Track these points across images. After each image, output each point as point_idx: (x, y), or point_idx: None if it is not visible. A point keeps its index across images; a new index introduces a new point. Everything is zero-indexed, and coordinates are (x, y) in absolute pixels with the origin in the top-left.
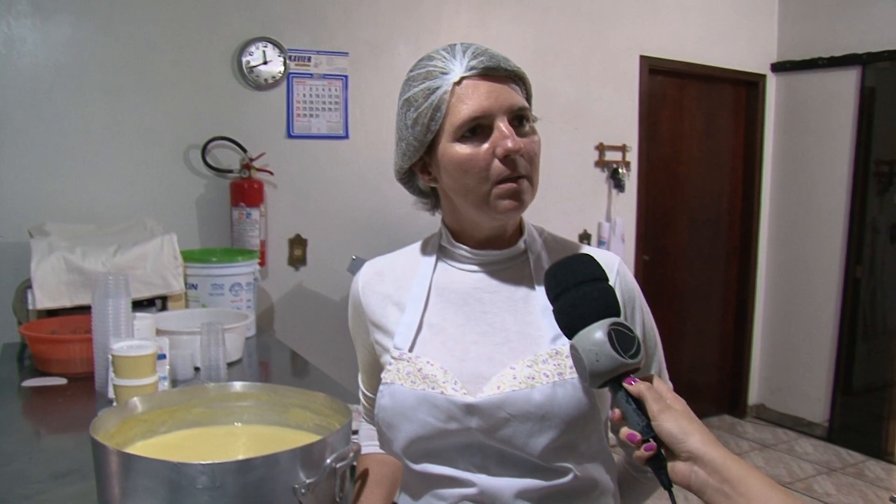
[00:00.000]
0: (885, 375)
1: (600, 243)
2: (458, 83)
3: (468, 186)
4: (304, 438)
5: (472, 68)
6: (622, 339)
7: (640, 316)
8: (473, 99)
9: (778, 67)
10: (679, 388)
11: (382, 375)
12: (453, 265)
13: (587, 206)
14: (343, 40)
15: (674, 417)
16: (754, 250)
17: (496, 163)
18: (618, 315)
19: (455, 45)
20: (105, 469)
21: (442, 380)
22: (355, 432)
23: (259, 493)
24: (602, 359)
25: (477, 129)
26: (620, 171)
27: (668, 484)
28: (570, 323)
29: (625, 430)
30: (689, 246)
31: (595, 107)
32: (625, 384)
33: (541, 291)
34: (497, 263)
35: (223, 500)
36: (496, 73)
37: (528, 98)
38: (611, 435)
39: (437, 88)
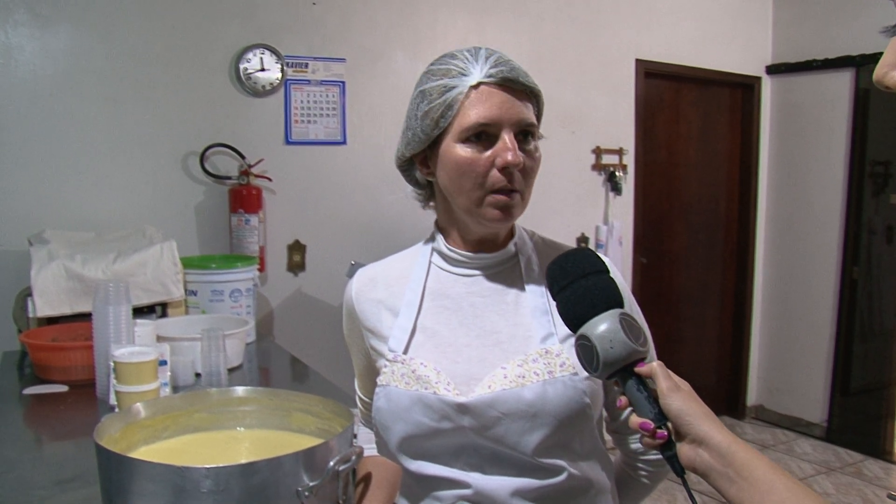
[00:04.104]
0: (883, 375)
1: (598, 246)
2: (475, 87)
3: (462, 188)
4: (307, 442)
5: (490, 76)
6: (632, 327)
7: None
8: (485, 105)
9: (773, 70)
10: None
11: (378, 378)
12: (445, 269)
13: (584, 209)
14: (340, 47)
15: (682, 397)
16: (751, 252)
17: (494, 172)
18: (622, 306)
19: (480, 48)
20: (109, 474)
21: (435, 380)
22: (356, 436)
23: (263, 496)
24: (616, 346)
25: (482, 135)
26: (617, 174)
27: (681, 471)
28: (578, 313)
29: (635, 420)
30: (687, 248)
31: (591, 111)
32: (636, 369)
33: (531, 293)
34: (488, 267)
35: (227, 503)
36: (513, 85)
37: (539, 115)
38: (607, 436)
39: (454, 87)
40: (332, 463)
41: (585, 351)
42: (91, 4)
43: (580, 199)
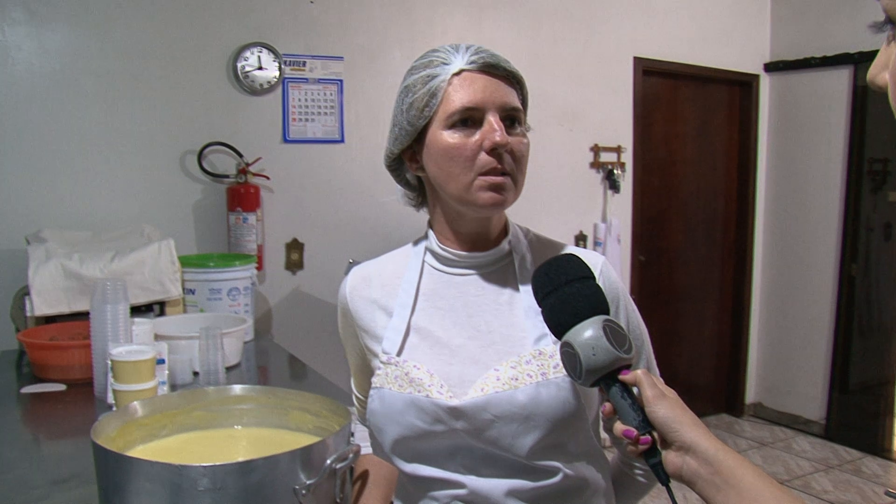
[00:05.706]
0: (881, 372)
1: (596, 244)
2: (458, 74)
3: (452, 174)
4: (304, 440)
5: (472, 62)
6: (615, 334)
7: (624, 314)
8: (469, 90)
9: (771, 67)
10: (676, 388)
11: (372, 380)
12: (439, 269)
13: (583, 207)
14: (337, 45)
15: (668, 405)
16: (749, 249)
17: (483, 154)
18: (608, 312)
19: (460, 44)
20: (107, 473)
21: (428, 383)
22: (353, 435)
23: (260, 495)
24: (599, 353)
25: (468, 120)
26: (615, 172)
27: (665, 479)
28: (561, 320)
29: (619, 426)
30: (685, 246)
31: (589, 109)
32: (620, 376)
33: (525, 293)
34: (482, 266)
35: (225, 501)
36: (495, 70)
37: (524, 103)
38: (604, 435)
39: (436, 77)
40: (329, 461)
41: (569, 358)
42: (88, 3)
43: (578, 197)
